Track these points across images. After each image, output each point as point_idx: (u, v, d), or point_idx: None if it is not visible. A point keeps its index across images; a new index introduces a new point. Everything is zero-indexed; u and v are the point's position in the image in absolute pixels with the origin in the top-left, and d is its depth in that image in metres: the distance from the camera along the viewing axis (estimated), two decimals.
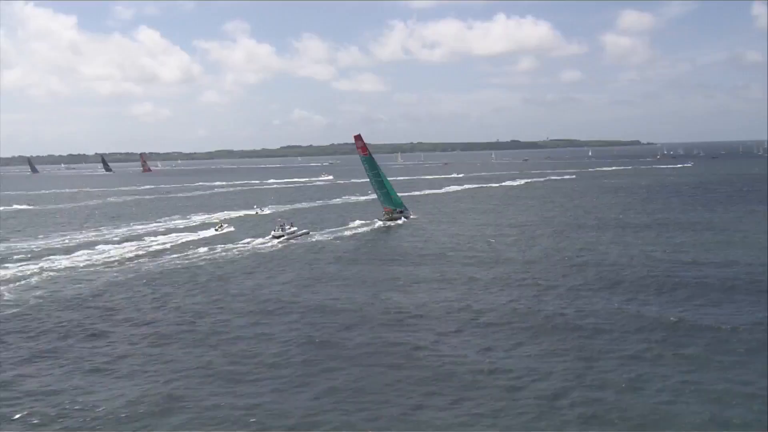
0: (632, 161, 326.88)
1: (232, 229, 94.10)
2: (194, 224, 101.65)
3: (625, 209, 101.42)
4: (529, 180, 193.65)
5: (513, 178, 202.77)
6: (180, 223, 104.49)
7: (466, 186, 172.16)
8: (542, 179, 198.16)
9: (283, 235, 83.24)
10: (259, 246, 78.06)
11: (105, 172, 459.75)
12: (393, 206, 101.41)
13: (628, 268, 55.81)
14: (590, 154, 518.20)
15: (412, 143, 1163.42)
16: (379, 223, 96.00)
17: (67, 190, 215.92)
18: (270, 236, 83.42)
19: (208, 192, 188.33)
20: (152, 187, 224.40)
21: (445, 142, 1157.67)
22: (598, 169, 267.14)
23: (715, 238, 70.01)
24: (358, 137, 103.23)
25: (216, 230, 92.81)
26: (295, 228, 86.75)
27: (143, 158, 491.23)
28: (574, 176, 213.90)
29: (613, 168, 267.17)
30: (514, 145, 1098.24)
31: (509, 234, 78.70)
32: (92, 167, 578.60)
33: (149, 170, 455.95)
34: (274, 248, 75.60)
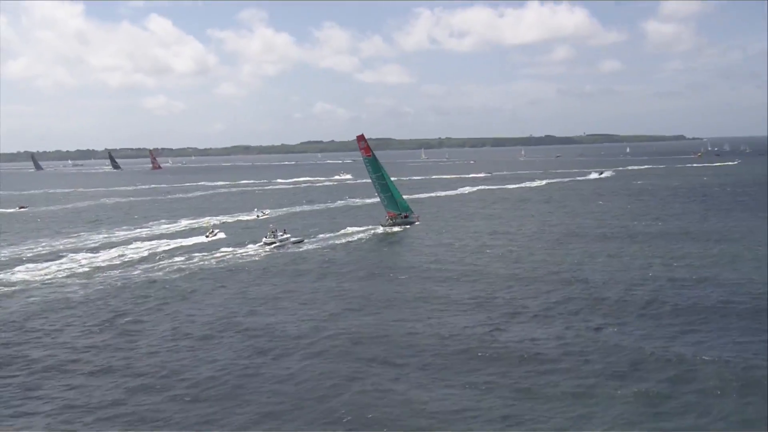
0: (669, 159, 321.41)
1: (223, 235, 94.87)
2: (183, 229, 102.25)
3: (637, 217, 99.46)
4: (551, 180, 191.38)
5: (534, 179, 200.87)
6: (169, 228, 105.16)
7: (481, 187, 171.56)
8: (567, 180, 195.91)
9: (275, 242, 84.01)
10: (245, 255, 78.15)
11: (112, 170, 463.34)
12: (398, 210, 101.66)
13: (613, 288, 53.98)
14: (628, 150, 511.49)
15: (440, 138, 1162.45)
16: (380, 229, 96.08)
17: (62, 191, 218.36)
18: (261, 243, 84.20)
19: (209, 192, 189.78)
20: (152, 186, 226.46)
21: (475, 137, 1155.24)
22: (629, 168, 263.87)
23: (721, 252, 67.72)
24: (360, 137, 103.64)
25: (207, 236, 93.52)
26: (288, 235, 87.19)
27: (152, 155, 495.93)
28: (602, 176, 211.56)
29: (645, 167, 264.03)
30: (548, 140, 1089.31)
31: (501, 245, 77.48)
32: (100, 164, 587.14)
33: (159, 167, 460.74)
34: (258, 258, 75.52)
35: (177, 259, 75.35)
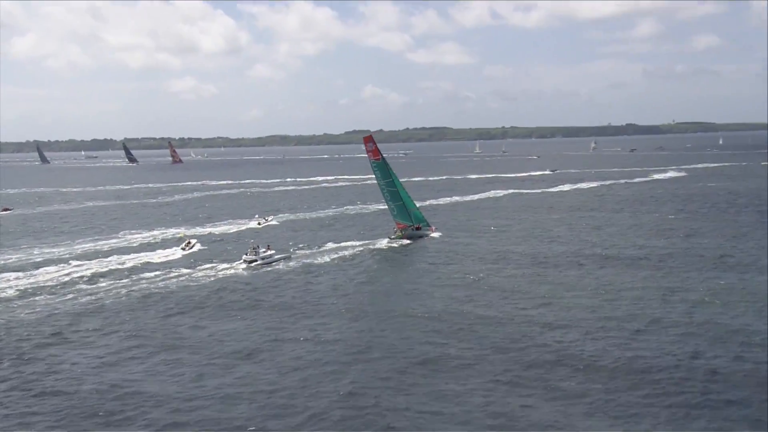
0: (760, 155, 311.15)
1: (200, 246, 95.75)
2: (155, 241, 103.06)
3: (668, 233, 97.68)
4: (604, 182, 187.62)
5: (585, 179, 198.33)
6: (142, 238, 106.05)
7: (511, 191, 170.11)
8: (621, 181, 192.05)
9: (256, 260, 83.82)
10: (213, 276, 77.56)
11: (128, 164, 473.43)
12: (410, 221, 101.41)
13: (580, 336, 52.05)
14: (721, 142, 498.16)
15: (503, 128, 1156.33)
16: (385, 243, 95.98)
17: (57, 190, 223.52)
18: (240, 261, 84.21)
19: (214, 193, 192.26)
20: (155, 186, 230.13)
21: (544, 126, 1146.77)
22: (708, 165, 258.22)
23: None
24: (368, 138, 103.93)
25: (183, 249, 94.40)
26: (271, 251, 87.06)
27: (172, 147, 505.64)
28: (671, 175, 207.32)
29: (717, 164, 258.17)
30: (630, 129, 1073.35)
31: (491, 269, 75.96)
32: (117, 156, 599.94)
33: (180, 161, 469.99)
34: (227, 280, 75.09)
35: (125, 281, 74.92)
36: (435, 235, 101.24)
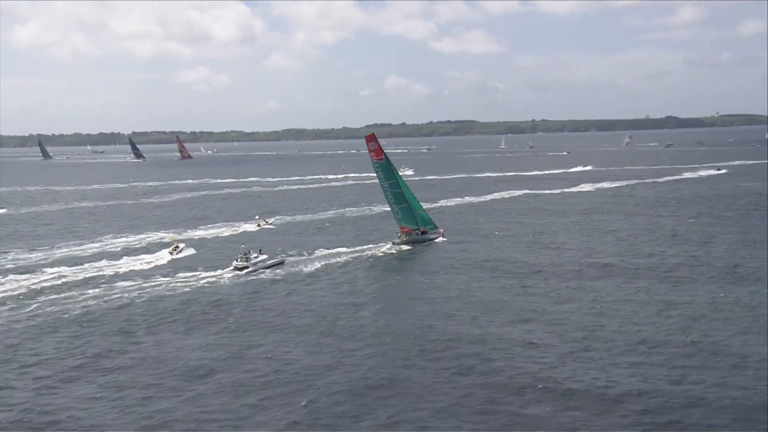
0: None
1: (191, 251, 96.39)
2: (140, 246, 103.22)
3: (681, 239, 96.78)
4: (625, 183, 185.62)
5: (608, 178, 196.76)
6: (126, 242, 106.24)
7: (526, 191, 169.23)
8: (648, 180, 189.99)
9: (247, 267, 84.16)
10: (195, 284, 77.83)
11: (134, 159, 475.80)
12: (416, 225, 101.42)
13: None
14: (767, 136, 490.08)
15: (533, 121, 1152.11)
16: (387, 248, 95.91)
17: (51, 188, 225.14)
18: (231, 268, 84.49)
19: (214, 192, 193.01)
20: (148, 185, 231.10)
21: (577, 119, 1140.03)
22: (745, 162, 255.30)
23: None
24: (370, 137, 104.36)
25: (171, 253, 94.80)
26: (263, 257, 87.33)
27: (180, 142, 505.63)
28: (704, 173, 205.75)
29: (758, 161, 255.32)
30: (670, 122, 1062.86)
31: (483, 280, 75.33)
32: (124, 151, 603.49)
33: (189, 157, 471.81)
34: (212, 289, 75.19)
35: (96, 291, 74.64)
36: (440, 240, 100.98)
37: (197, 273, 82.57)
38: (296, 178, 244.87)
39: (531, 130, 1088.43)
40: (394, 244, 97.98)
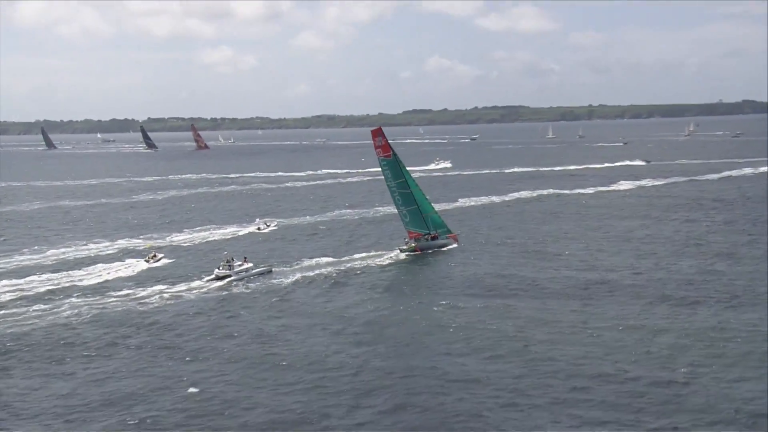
0: None
1: (169, 260, 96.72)
2: (112, 253, 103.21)
3: (702, 249, 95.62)
4: (668, 180, 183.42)
5: (640, 176, 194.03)
6: (98, 249, 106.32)
7: (552, 190, 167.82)
8: (700, 178, 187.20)
9: (229, 275, 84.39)
10: (161, 297, 77.63)
11: (145, 150, 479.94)
12: (426, 229, 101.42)
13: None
14: None
15: (590, 106, 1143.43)
16: (392, 257, 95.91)
17: (22, 184, 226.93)
18: (212, 277, 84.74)
19: (213, 189, 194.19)
20: (143, 180, 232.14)
21: (640, 104, 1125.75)
22: None
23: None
24: (376, 132, 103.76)
25: (147, 261, 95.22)
26: (248, 265, 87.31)
27: (195, 131, 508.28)
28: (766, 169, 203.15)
29: None
30: (747, 107, 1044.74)
31: (468, 300, 74.36)
32: (136, 139, 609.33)
33: (205, 147, 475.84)
34: (169, 304, 74.91)
35: (47, 306, 74.44)
36: (452, 246, 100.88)
37: (169, 284, 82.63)
38: (308, 173, 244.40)
39: (587, 116, 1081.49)
40: (401, 250, 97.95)
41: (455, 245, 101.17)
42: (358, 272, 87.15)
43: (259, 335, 63.51)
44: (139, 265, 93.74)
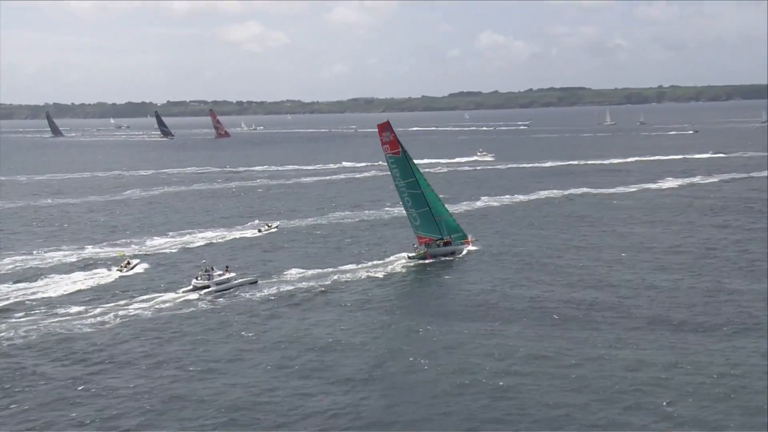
0: None
1: (143, 267, 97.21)
2: (78, 261, 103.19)
3: (718, 260, 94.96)
4: (724, 176, 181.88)
5: (694, 172, 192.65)
6: (62, 256, 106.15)
7: (586, 189, 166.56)
8: (757, 175, 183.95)
9: (208, 286, 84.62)
10: (127, 311, 77.54)
11: (160, 138, 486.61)
12: (438, 233, 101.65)
13: None
14: None
15: (660, 88, 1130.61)
16: (403, 263, 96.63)
17: (4, 179, 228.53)
18: (189, 287, 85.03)
19: (212, 186, 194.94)
20: (135, 174, 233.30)
21: (718, 84, 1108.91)
22: None
23: None
24: (383, 126, 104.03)
25: (120, 270, 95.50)
26: (230, 275, 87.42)
27: (214, 116, 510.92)
28: None
29: None
30: None
31: (453, 321, 73.56)
32: (152, 125, 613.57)
33: (225, 135, 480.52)
34: (143, 319, 75.14)
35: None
36: (466, 251, 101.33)
37: (135, 297, 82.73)
38: (323, 166, 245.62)
39: (656, 99, 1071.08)
40: (409, 257, 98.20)
41: (469, 250, 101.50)
42: (355, 286, 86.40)
43: (209, 371, 61.32)
44: (109, 275, 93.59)
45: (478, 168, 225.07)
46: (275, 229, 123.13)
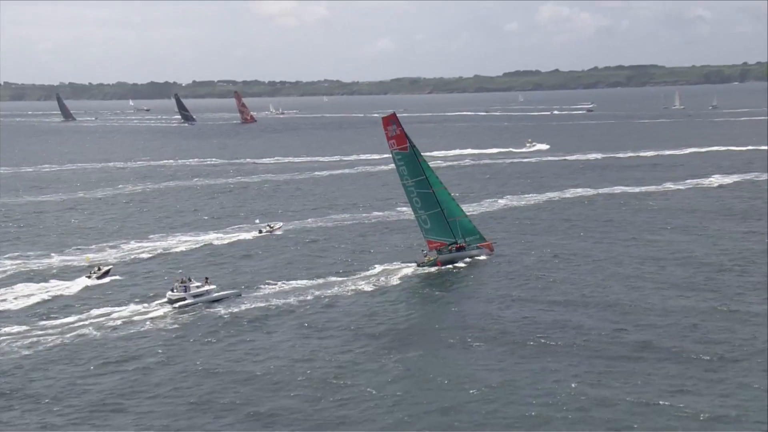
0: None
1: (115, 277, 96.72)
2: (38, 269, 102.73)
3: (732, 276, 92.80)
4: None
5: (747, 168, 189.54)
6: (24, 263, 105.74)
7: (623, 188, 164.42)
8: None
9: (184, 299, 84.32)
10: (84, 328, 77.05)
11: (180, 123, 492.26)
12: (452, 237, 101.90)
13: None
14: None
15: (745, 65, 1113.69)
16: (411, 272, 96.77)
17: (36, 169, 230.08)
18: (164, 300, 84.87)
19: (212, 181, 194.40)
20: (127, 166, 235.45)
21: None
22: None
23: None
24: (389, 119, 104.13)
25: (89, 277, 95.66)
26: (209, 287, 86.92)
27: (239, 99, 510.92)
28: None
29: None
30: None
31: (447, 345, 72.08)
32: (174, 108, 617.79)
33: (251, 120, 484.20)
34: (100, 337, 74.55)
35: None
36: (489, 254, 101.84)
37: (100, 310, 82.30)
38: (336, 158, 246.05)
39: (739, 77, 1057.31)
40: (418, 265, 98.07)
41: (484, 257, 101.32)
42: (352, 300, 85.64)
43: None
44: (71, 286, 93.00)
45: (525, 160, 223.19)
46: (279, 231, 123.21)
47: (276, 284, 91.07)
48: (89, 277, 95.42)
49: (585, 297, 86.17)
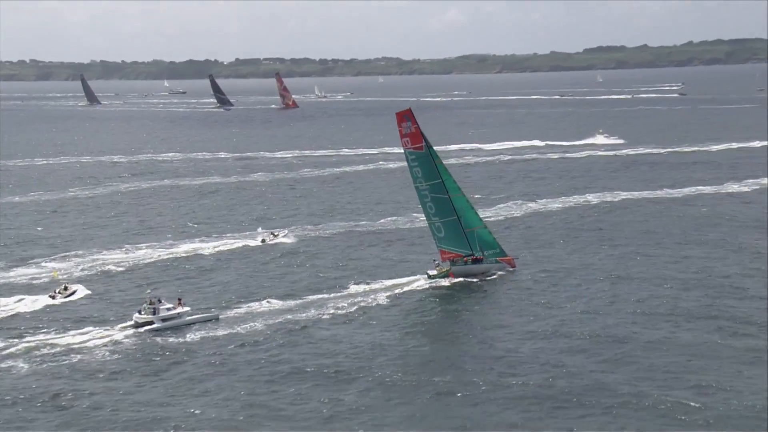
0: None
1: (84, 292, 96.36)
2: (12, 280, 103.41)
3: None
4: None
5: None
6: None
7: (659, 193, 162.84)
8: None
9: (151, 322, 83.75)
10: (38, 355, 76.01)
11: (216, 108, 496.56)
12: (467, 248, 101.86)
13: None
14: None
15: None
16: (419, 285, 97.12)
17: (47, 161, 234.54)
18: (131, 323, 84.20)
19: (211, 180, 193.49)
20: (129, 161, 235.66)
21: None
22: None
23: None
24: (403, 114, 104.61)
25: (52, 297, 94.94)
26: (182, 309, 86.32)
27: (281, 81, 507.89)
28: None
29: None
30: None
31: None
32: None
33: (293, 105, 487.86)
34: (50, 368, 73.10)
35: None
36: (511, 269, 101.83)
37: (55, 334, 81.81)
38: (360, 151, 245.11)
39: None
40: (428, 276, 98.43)
41: (504, 273, 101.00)
42: (348, 319, 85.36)
43: None
44: (32, 305, 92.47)
45: (577, 155, 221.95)
46: (285, 238, 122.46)
47: (265, 305, 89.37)
48: (53, 297, 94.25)
49: (609, 337, 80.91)
